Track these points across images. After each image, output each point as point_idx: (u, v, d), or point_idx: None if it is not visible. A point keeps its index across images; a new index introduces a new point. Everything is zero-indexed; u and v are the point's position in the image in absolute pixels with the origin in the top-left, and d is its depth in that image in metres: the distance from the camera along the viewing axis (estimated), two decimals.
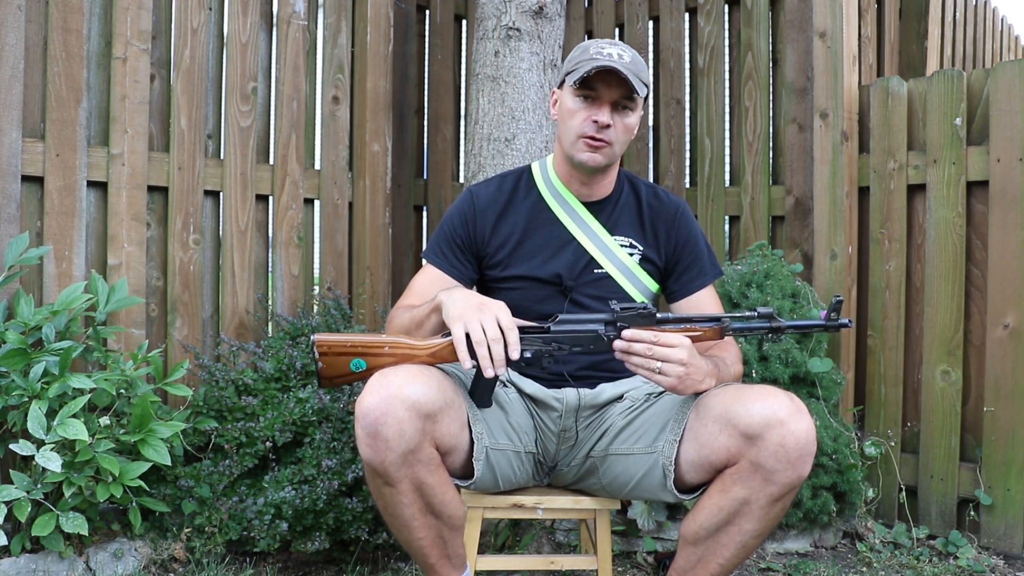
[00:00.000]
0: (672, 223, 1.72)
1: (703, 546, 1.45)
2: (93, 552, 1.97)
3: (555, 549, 2.20)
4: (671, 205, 1.74)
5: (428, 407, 1.36)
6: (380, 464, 1.36)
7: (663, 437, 1.50)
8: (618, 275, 1.67)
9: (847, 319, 1.46)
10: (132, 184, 2.33)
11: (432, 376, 1.40)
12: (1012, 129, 2.24)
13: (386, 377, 1.37)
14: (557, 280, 1.65)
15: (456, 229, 1.71)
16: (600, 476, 1.63)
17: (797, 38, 2.74)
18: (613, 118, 1.59)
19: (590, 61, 1.55)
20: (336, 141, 2.73)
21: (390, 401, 1.33)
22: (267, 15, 2.63)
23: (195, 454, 2.16)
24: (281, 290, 2.63)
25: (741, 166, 2.87)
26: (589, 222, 1.69)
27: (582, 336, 1.48)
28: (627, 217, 1.72)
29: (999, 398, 2.26)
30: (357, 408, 1.36)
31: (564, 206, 1.70)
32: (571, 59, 1.62)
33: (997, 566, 2.18)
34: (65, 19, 2.21)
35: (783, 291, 2.35)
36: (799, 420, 1.35)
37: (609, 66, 1.52)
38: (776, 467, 1.34)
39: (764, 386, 1.42)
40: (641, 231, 1.71)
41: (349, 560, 2.13)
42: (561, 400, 1.64)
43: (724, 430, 1.39)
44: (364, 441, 1.35)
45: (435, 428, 1.38)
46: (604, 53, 1.56)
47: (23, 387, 1.86)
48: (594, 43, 1.61)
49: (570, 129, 1.62)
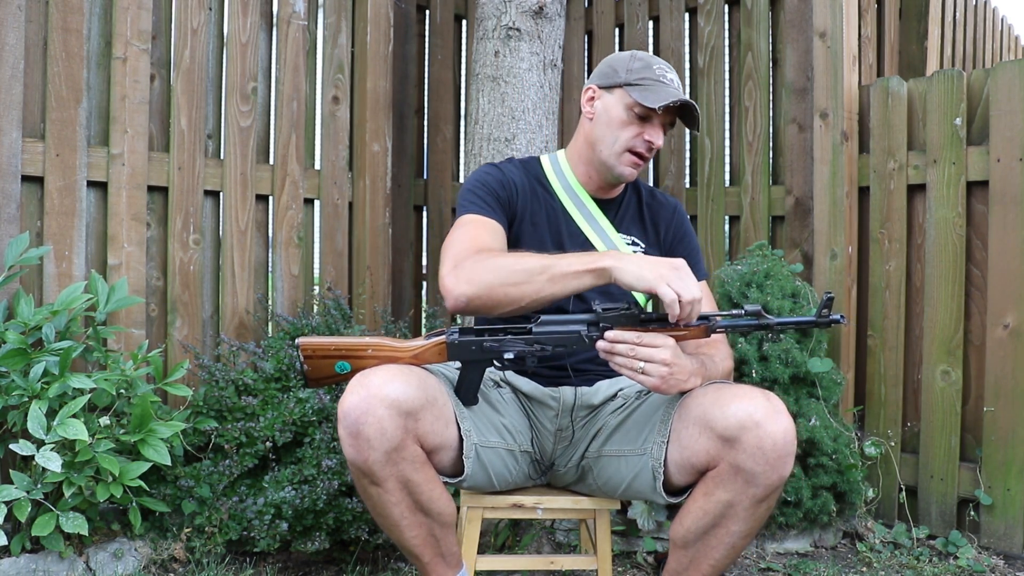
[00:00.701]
0: (671, 220, 1.79)
1: (693, 549, 1.45)
2: (93, 552, 1.97)
3: (555, 549, 2.20)
4: (669, 204, 1.82)
5: (408, 405, 1.36)
6: (364, 463, 1.36)
7: (651, 439, 1.50)
8: None
9: (840, 315, 1.44)
10: (132, 184, 2.33)
11: (412, 374, 1.40)
12: (1012, 129, 2.24)
13: (366, 377, 1.37)
14: None
15: (495, 188, 1.66)
16: (595, 478, 1.63)
17: (797, 38, 2.75)
18: (661, 135, 1.66)
19: (659, 86, 1.61)
20: (336, 141, 2.73)
21: (370, 400, 1.34)
22: (267, 15, 2.63)
23: (195, 454, 2.16)
24: (281, 290, 2.63)
25: (741, 166, 2.87)
26: (599, 219, 1.73)
27: (564, 336, 1.47)
28: (631, 215, 1.77)
29: (999, 398, 2.26)
30: (339, 409, 1.36)
31: (575, 201, 1.73)
32: (631, 67, 1.64)
33: (997, 566, 2.18)
34: (65, 19, 2.21)
35: (783, 291, 2.35)
36: (776, 421, 1.34)
37: (683, 101, 1.59)
38: (755, 469, 1.34)
39: (742, 387, 1.41)
40: (643, 229, 1.77)
41: (349, 560, 2.13)
42: (557, 399, 1.64)
43: (703, 433, 1.39)
44: (347, 441, 1.36)
45: (417, 426, 1.38)
46: (668, 79, 1.63)
47: (23, 387, 1.86)
48: (655, 61, 1.65)
49: (617, 140, 1.64)
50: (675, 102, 1.59)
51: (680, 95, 1.60)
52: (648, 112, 1.62)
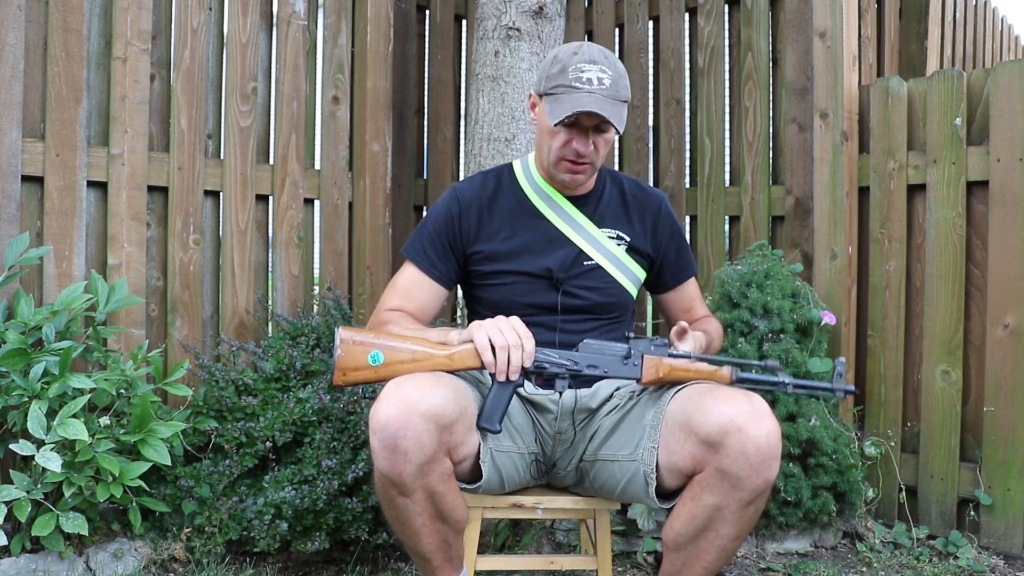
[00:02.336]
0: (658, 215, 1.76)
1: (684, 552, 1.45)
2: (93, 552, 1.97)
3: (555, 549, 2.20)
4: (655, 197, 1.79)
5: (446, 418, 1.35)
6: (397, 476, 1.35)
7: (643, 444, 1.50)
8: (608, 265, 1.69)
9: (852, 386, 1.49)
10: (132, 184, 2.33)
11: (448, 385, 1.40)
12: (1012, 129, 2.24)
13: (401, 388, 1.36)
14: (547, 274, 1.66)
15: (440, 227, 1.70)
16: (591, 481, 1.63)
17: (797, 38, 2.74)
18: (593, 140, 1.60)
19: (570, 94, 1.53)
20: (336, 141, 2.73)
21: (408, 414, 1.32)
22: (267, 15, 2.63)
23: (195, 454, 2.16)
24: (281, 290, 2.63)
25: (741, 166, 2.87)
26: (576, 216, 1.70)
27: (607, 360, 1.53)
28: (613, 210, 1.74)
29: (999, 398, 2.26)
30: (373, 420, 1.34)
31: (548, 202, 1.71)
32: (550, 74, 1.59)
33: (997, 566, 2.18)
34: (65, 19, 2.21)
35: (783, 291, 2.35)
36: (758, 424, 1.33)
37: (589, 111, 1.52)
38: (740, 473, 1.34)
39: (725, 389, 1.41)
40: (628, 222, 1.74)
41: (349, 560, 2.13)
42: (557, 402, 1.64)
43: (688, 438, 1.39)
44: (381, 454, 1.34)
45: (451, 438, 1.38)
46: (584, 79, 1.54)
47: (23, 387, 1.86)
48: (573, 61, 1.56)
49: (550, 149, 1.62)
50: (570, 117, 1.52)
51: (585, 104, 1.51)
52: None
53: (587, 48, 1.59)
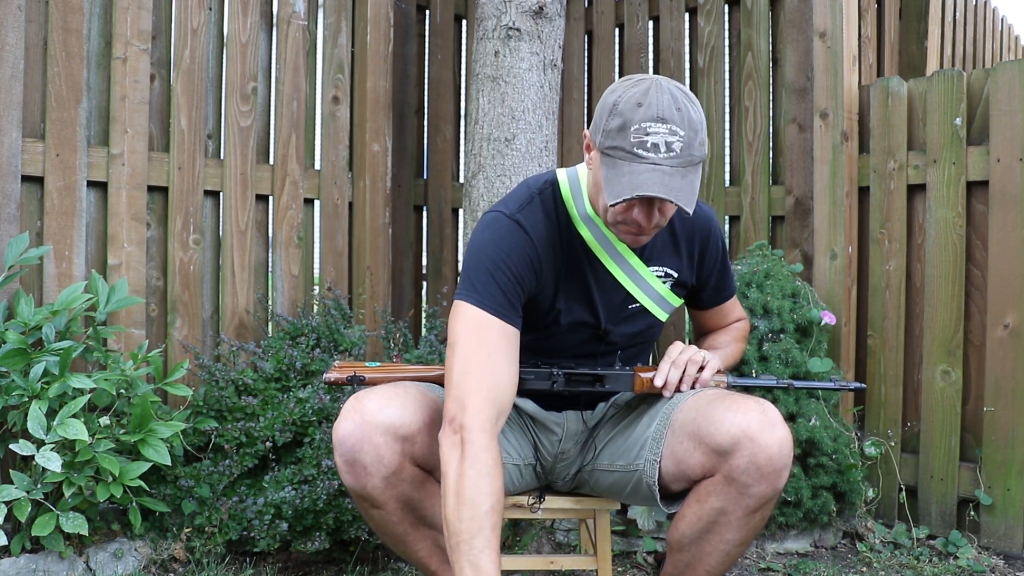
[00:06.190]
0: (707, 243, 1.59)
1: (688, 553, 1.45)
2: (93, 552, 1.97)
3: (555, 549, 2.20)
4: (704, 223, 1.58)
5: (405, 429, 1.34)
6: (363, 490, 1.35)
7: (643, 456, 1.48)
8: (650, 304, 1.57)
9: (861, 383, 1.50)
10: (132, 184, 2.33)
11: (409, 396, 1.37)
12: (1012, 129, 2.24)
13: (360, 402, 1.35)
14: (596, 323, 1.54)
15: (523, 276, 1.41)
16: (592, 487, 1.63)
17: (797, 38, 2.74)
18: (659, 206, 1.35)
19: (630, 163, 1.27)
20: (336, 141, 2.73)
21: (365, 428, 1.32)
22: (267, 15, 2.63)
23: (195, 454, 2.16)
24: (281, 290, 2.63)
25: (741, 166, 2.87)
26: (628, 257, 1.52)
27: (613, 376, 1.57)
28: (660, 245, 1.55)
29: (999, 398, 2.26)
30: (334, 435, 1.34)
31: (602, 241, 1.49)
32: (607, 128, 1.31)
33: (997, 566, 2.18)
34: (65, 19, 2.21)
35: (783, 291, 2.35)
36: (771, 434, 1.31)
37: (652, 196, 1.27)
38: (749, 482, 1.32)
39: (736, 397, 1.38)
40: (677, 257, 1.57)
41: (349, 560, 2.13)
42: (561, 424, 1.61)
43: (698, 448, 1.37)
44: (343, 469, 1.34)
45: (415, 448, 1.36)
46: (648, 144, 1.27)
47: (23, 387, 1.86)
48: (637, 117, 1.27)
49: (606, 210, 1.38)
50: (634, 196, 1.26)
51: (647, 186, 1.25)
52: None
53: (655, 98, 1.28)
